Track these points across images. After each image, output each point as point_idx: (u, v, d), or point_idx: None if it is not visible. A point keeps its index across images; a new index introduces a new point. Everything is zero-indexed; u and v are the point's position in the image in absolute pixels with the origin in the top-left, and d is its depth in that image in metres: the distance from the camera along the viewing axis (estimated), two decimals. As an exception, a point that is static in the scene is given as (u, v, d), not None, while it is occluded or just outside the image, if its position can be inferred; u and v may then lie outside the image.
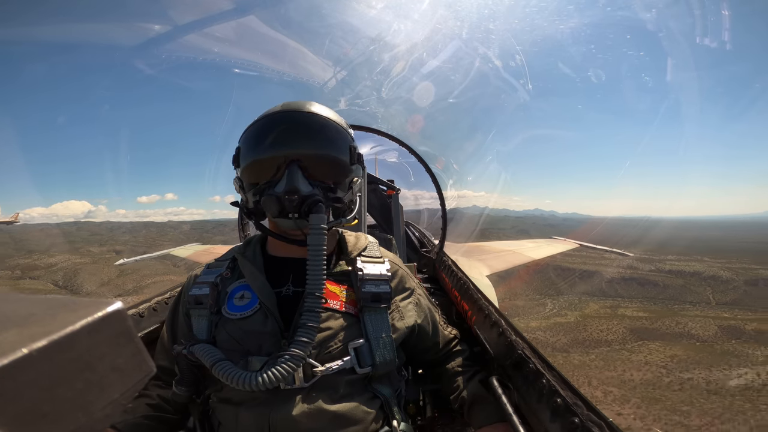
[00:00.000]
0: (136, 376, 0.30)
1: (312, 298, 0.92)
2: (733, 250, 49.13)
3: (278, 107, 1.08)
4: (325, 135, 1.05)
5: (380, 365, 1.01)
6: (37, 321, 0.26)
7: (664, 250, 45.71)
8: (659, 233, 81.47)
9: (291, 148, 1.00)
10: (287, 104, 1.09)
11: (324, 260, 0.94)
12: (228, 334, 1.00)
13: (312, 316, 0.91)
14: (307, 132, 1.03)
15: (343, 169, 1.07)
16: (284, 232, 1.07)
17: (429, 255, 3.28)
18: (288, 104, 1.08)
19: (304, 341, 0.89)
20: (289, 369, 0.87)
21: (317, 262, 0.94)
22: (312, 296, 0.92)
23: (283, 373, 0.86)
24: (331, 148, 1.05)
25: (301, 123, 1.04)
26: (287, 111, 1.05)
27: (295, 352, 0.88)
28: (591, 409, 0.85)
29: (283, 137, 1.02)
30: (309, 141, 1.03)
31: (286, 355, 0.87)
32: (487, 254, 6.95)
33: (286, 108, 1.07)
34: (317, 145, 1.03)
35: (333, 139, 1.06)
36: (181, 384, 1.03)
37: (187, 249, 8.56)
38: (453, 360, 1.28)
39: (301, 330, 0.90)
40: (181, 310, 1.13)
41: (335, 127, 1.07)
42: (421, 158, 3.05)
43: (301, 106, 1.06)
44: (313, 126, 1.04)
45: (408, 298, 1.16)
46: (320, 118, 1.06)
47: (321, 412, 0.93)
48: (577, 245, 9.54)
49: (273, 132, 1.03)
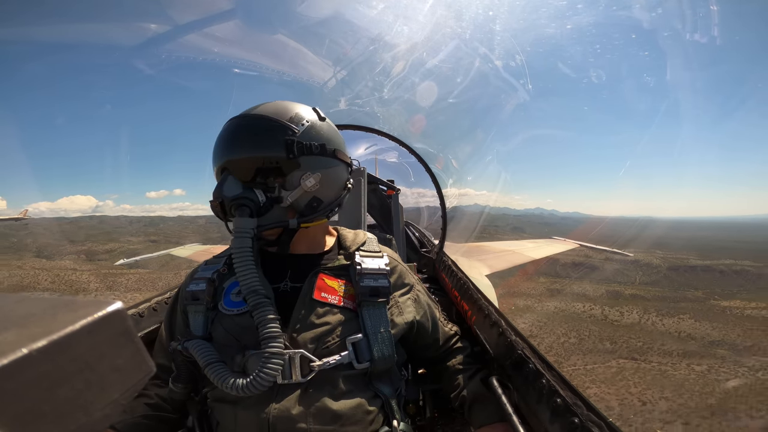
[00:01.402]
0: (136, 376, 0.30)
1: (253, 295, 0.93)
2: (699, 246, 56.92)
3: None
4: (251, 136, 1.02)
5: (379, 360, 1.01)
6: (37, 321, 0.26)
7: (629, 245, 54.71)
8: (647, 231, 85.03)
9: (222, 156, 1.03)
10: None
11: (251, 260, 0.95)
12: (225, 330, 1.00)
13: (262, 311, 0.91)
14: (234, 136, 1.04)
15: (279, 166, 1.02)
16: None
17: (429, 255, 3.28)
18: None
19: (270, 335, 0.89)
20: (273, 371, 0.87)
21: (243, 264, 0.95)
22: (252, 293, 0.93)
23: (267, 378, 0.86)
24: (257, 148, 1.01)
25: (232, 129, 1.05)
26: (230, 120, 1.07)
27: (270, 350, 0.88)
28: (591, 409, 0.85)
29: (220, 145, 1.04)
30: (235, 145, 1.03)
31: (265, 354, 0.88)
32: (487, 254, 6.96)
33: (233, 117, 1.08)
34: (242, 147, 1.02)
35: (260, 138, 1.02)
36: (177, 381, 1.03)
37: (187, 249, 8.56)
38: (454, 357, 1.28)
39: (260, 327, 0.90)
40: (179, 306, 1.14)
41: (266, 124, 1.02)
42: (421, 158, 3.05)
43: (244, 112, 1.07)
44: (240, 129, 1.04)
45: (407, 294, 1.16)
46: (250, 119, 1.04)
47: (321, 410, 0.93)
48: (576, 245, 9.55)
49: (217, 142, 1.06)
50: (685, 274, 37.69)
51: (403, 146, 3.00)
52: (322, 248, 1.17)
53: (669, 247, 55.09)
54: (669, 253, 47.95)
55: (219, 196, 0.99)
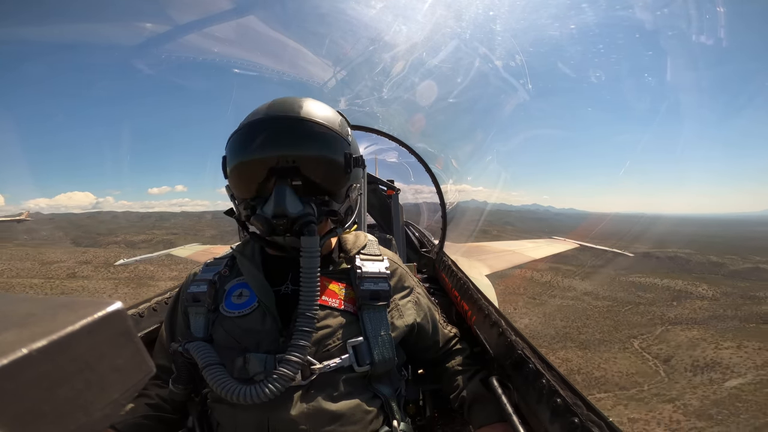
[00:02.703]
0: (136, 376, 0.30)
1: (304, 318, 0.89)
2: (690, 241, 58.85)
3: (264, 108, 1.00)
4: (315, 144, 0.96)
5: (379, 363, 1.01)
6: (37, 321, 0.26)
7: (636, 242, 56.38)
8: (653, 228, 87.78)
9: (272, 152, 0.93)
10: (274, 105, 1.00)
11: (317, 282, 0.91)
12: (225, 332, 1.00)
13: (303, 335, 0.89)
14: (293, 136, 0.94)
15: (336, 179, 0.99)
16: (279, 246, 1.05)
17: (429, 255, 3.28)
18: (275, 106, 1.00)
19: (294, 361, 0.87)
20: (277, 387, 0.85)
21: (311, 284, 0.89)
22: (304, 316, 0.89)
23: (273, 390, 0.85)
24: (321, 153, 0.96)
25: (287, 130, 0.95)
26: (272, 117, 0.97)
27: (283, 372, 0.86)
28: (591, 409, 0.85)
29: (266, 148, 0.94)
30: (296, 146, 0.94)
31: (275, 374, 0.86)
32: (487, 254, 6.95)
33: (271, 112, 0.98)
34: (305, 149, 0.95)
35: (324, 148, 0.97)
36: (177, 382, 1.03)
37: (187, 249, 8.55)
38: (453, 359, 1.28)
39: (291, 348, 0.88)
40: (180, 308, 1.13)
41: (328, 133, 0.97)
42: (421, 158, 3.05)
43: (289, 109, 0.97)
44: (301, 134, 0.95)
45: (407, 297, 1.16)
46: (310, 124, 0.95)
47: (320, 412, 0.93)
48: (577, 245, 9.55)
49: (254, 142, 0.94)
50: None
51: (403, 146, 3.00)
52: (326, 250, 1.17)
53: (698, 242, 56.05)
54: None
55: (281, 215, 0.90)
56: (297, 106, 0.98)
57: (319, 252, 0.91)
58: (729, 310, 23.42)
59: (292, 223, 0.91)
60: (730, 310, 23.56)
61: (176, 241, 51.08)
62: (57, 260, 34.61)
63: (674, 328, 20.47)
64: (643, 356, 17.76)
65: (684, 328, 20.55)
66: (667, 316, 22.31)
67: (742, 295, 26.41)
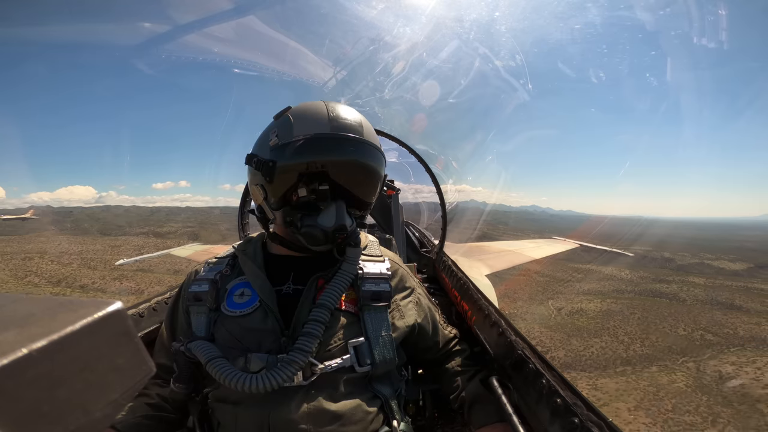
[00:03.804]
0: (136, 376, 0.30)
1: (322, 309, 0.95)
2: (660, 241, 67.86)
3: (326, 121, 1.01)
4: (376, 171, 1.08)
5: (380, 364, 1.01)
6: (37, 321, 0.26)
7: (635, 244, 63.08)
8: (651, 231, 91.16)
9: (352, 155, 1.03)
10: (338, 121, 1.03)
11: (348, 284, 1.02)
12: (227, 332, 1.00)
13: (316, 326, 0.93)
14: (360, 169, 1.05)
15: (375, 197, 1.14)
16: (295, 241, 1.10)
17: (429, 255, 3.28)
18: (339, 122, 1.03)
19: (305, 349, 0.90)
20: (286, 375, 0.88)
21: (343, 283, 1.00)
22: (323, 306, 0.95)
23: (279, 379, 0.87)
24: (377, 185, 1.11)
25: (357, 154, 1.04)
26: (344, 137, 1.01)
27: (294, 358, 0.88)
28: (590, 409, 0.85)
29: (337, 165, 1.02)
30: (361, 177, 1.07)
31: (285, 362, 0.88)
32: (486, 254, 6.96)
33: (340, 130, 1.02)
34: (368, 182, 1.09)
35: (379, 175, 1.10)
36: (178, 381, 1.03)
37: (187, 249, 8.55)
38: (453, 359, 1.28)
39: (303, 337, 0.91)
40: (181, 307, 1.14)
41: (383, 160, 1.10)
42: (421, 158, 3.05)
43: (358, 130, 1.04)
44: (370, 161, 1.06)
45: (408, 297, 1.16)
46: (375, 151, 1.07)
47: (321, 411, 0.93)
48: (577, 245, 9.55)
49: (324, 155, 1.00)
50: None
51: (403, 146, 2.99)
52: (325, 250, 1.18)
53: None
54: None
55: (343, 228, 1.01)
56: (359, 126, 1.06)
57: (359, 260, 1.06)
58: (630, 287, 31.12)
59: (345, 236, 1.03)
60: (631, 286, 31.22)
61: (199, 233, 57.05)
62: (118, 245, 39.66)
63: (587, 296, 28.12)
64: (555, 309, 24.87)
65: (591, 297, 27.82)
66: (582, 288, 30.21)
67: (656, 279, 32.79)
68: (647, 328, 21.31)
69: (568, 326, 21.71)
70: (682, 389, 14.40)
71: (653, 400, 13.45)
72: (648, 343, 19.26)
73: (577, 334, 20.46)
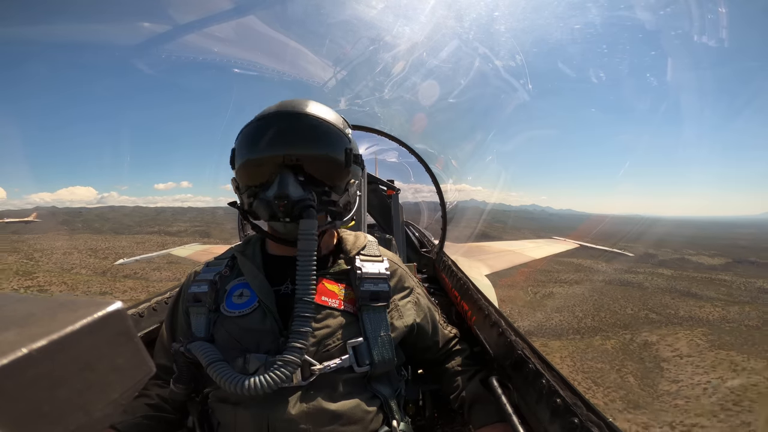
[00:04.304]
0: (136, 376, 0.30)
1: (302, 303, 0.91)
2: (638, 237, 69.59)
3: (274, 107, 1.06)
4: (319, 137, 1.03)
5: (379, 364, 1.01)
6: (37, 321, 0.26)
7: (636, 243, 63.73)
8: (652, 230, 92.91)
9: (282, 151, 0.99)
10: (283, 104, 1.07)
11: (314, 265, 0.93)
12: (226, 332, 1.00)
13: (303, 322, 0.90)
14: (299, 134, 1.02)
15: (337, 172, 1.05)
16: (280, 234, 1.07)
17: (429, 255, 3.28)
18: (283, 104, 1.07)
19: (298, 347, 0.89)
20: (283, 376, 0.86)
21: (307, 267, 0.92)
22: (302, 301, 0.91)
23: (276, 380, 0.86)
24: (325, 151, 1.03)
25: (294, 124, 1.02)
26: (281, 112, 1.04)
27: (288, 358, 0.87)
28: (590, 409, 0.85)
29: (276, 139, 1.00)
30: (301, 143, 1.01)
31: (280, 361, 0.87)
32: (487, 254, 6.96)
33: (280, 109, 1.05)
34: (309, 147, 1.01)
35: (327, 142, 1.03)
36: (179, 382, 1.03)
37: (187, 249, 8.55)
38: (453, 359, 1.28)
39: (293, 336, 0.89)
40: (181, 308, 1.14)
41: (330, 128, 1.04)
42: (421, 158, 3.05)
43: (296, 107, 1.04)
44: (306, 128, 1.02)
45: (407, 297, 1.16)
46: (314, 119, 1.03)
47: (320, 412, 0.93)
48: (577, 245, 9.55)
49: (266, 134, 1.01)
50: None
51: (404, 146, 3.00)
52: (326, 250, 1.17)
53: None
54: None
55: (284, 195, 0.95)
56: (303, 106, 1.05)
57: (316, 236, 0.94)
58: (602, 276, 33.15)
59: (293, 207, 0.95)
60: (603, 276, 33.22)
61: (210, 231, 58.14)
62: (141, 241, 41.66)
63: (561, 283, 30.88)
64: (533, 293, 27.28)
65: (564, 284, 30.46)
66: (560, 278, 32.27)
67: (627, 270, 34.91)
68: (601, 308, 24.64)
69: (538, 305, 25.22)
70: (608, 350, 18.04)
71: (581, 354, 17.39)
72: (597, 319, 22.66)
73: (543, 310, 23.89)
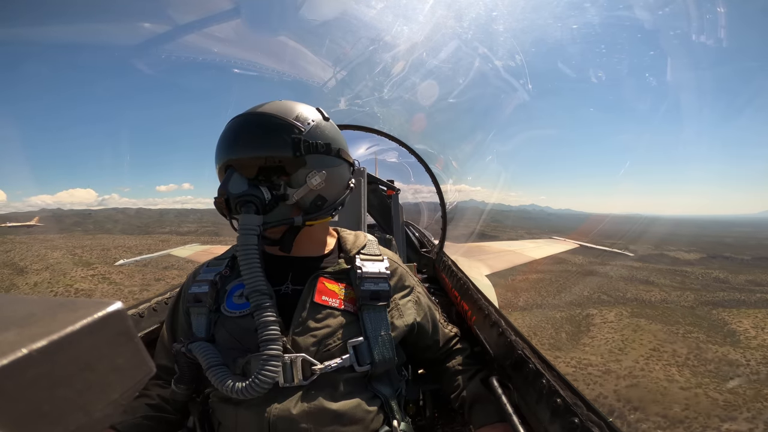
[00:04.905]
0: (136, 376, 0.30)
1: (255, 293, 0.92)
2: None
3: None
4: (257, 134, 1.02)
5: (379, 363, 1.01)
6: (37, 321, 0.26)
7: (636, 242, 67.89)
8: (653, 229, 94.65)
9: (227, 154, 1.03)
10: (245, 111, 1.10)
11: (256, 257, 0.95)
12: (227, 332, 1.00)
13: (262, 312, 0.91)
14: (239, 134, 1.03)
15: (283, 164, 1.02)
16: None
17: (429, 255, 3.28)
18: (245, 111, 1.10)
19: (269, 338, 0.89)
20: (271, 373, 0.87)
21: (248, 260, 0.94)
22: (255, 292, 0.92)
23: (264, 380, 0.86)
24: (263, 147, 1.01)
25: (236, 128, 1.04)
26: (234, 118, 1.07)
27: (268, 354, 0.87)
28: (591, 409, 0.85)
29: (224, 143, 1.04)
30: (241, 142, 1.02)
31: (261, 360, 0.87)
32: (487, 254, 6.96)
33: (237, 115, 1.07)
34: (248, 145, 1.02)
35: (266, 137, 1.01)
36: (180, 382, 1.03)
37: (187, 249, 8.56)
38: (453, 358, 1.28)
39: (260, 328, 0.90)
40: (181, 308, 1.14)
41: (272, 122, 1.01)
42: (421, 158, 3.05)
43: (248, 111, 1.06)
44: (244, 128, 1.03)
45: (407, 296, 1.16)
46: (254, 117, 1.03)
47: (321, 411, 0.93)
48: (577, 245, 9.56)
49: (221, 141, 1.05)
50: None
51: (403, 146, 3.00)
52: (324, 250, 1.17)
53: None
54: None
55: (224, 193, 0.97)
56: (256, 107, 1.07)
57: (256, 231, 0.95)
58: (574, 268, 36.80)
59: (235, 203, 0.97)
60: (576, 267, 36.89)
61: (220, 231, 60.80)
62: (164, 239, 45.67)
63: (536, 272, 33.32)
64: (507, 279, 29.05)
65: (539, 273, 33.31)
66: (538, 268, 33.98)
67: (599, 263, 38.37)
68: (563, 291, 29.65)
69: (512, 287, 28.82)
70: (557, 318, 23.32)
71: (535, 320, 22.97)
72: (558, 298, 27.75)
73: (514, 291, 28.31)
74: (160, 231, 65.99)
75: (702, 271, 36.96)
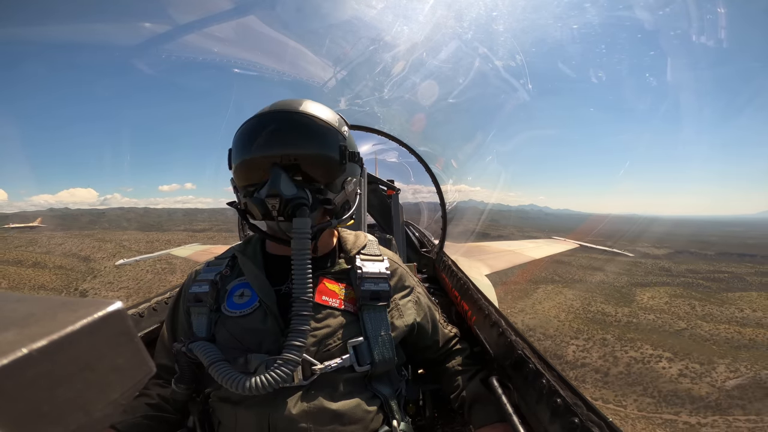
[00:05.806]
0: (136, 376, 0.30)
1: (300, 302, 0.90)
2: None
3: (268, 107, 1.06)
4: (311, 135, 1.01)
5: (379, 363, 1.01)
6: (37, 321, 0.26)
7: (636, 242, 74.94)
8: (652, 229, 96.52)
9: (275, 150, 0.98)
10: (277, 104, 1.06)
11: (309, 263, 0.92)
12: (227, 332, 1.00)
13: (302, 320, 0.90)
14: (292, 132, 1.00)
15: (331, 169, 1.03)
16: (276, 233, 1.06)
17: (429, 255, 3.28)
18: (277, 104, 1.06)
19: (297, 345, 0.88)
20: (283, 374, 0.86)
21: (302, 266, 0.91)
22: (299, 300, 0.90)
23: (276, 379, 0.86)
24: (318, 148, 1.01)
25: (287, 123, 1.01)
26: (275, 111, 1.03)
27: (288, 357, 0.87)
28: (591, 409, 0.85)
29: (269, 139, 0.99)
30: (294, 141, 1.00)
31: (280, 360, 0.87)
32: (487, 254, 6.96)
33: (274, 108, 1.05)
34: (302, 145, 1.00)
35: (320, 139, 1.02)
36: (180, 382, 1.03)
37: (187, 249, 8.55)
38: (453, 358, 1.28)
39: (292, 335, 0.89)
40: (182, 307, 1.13)
41: (323, 126, 1.03)
42: (421, 158, 3.05)
43: (290, 106, 1.04)
44: (299, 126, 1.01)
45: (407, 297, 1.16)
46: (306, 117, 1.02)
47: (321, 411, 0.93)
48: (577, 245, 9.56)
49: (259, 133, 1.00)
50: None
51: (404, 146, 3.00)
52: (326, 249, 1.17)
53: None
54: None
55: (277, 193, 0.93)
56: (296, 104, 1.04)
57: (309, 234, 0.93)
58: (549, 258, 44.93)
59: (286, 206, 0.94)
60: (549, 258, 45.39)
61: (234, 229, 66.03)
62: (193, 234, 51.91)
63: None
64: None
65: None
66: None
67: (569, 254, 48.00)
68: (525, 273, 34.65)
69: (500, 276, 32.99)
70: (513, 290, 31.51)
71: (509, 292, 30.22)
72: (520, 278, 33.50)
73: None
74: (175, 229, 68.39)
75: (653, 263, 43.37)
